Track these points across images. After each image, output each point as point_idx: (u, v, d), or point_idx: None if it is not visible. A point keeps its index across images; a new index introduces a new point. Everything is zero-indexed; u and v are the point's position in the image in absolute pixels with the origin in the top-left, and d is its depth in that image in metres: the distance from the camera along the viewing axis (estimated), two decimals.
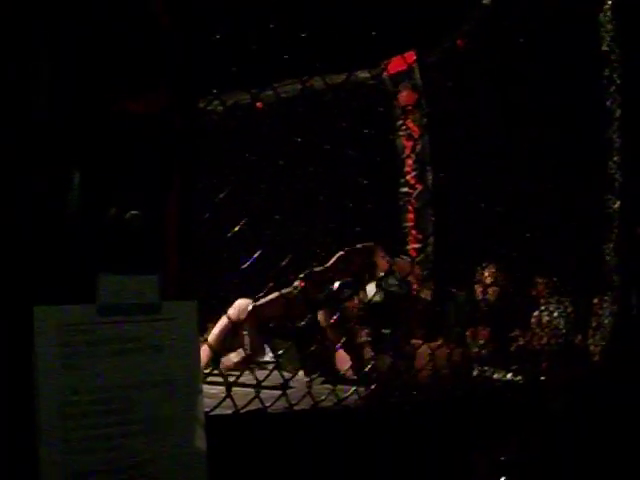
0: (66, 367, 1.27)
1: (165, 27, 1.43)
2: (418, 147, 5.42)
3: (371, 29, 2.94)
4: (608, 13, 2.82)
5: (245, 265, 2.06)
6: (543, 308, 3.79)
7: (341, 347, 3.49)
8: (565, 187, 3.18)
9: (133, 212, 1.32)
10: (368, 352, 3.35)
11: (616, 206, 2.82)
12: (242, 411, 1.84)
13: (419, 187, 5.42)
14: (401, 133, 5.49)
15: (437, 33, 4.16)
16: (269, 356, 3.95)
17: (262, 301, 3.72)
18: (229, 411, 1.83)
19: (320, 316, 3.65)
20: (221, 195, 1.88)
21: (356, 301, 3.60)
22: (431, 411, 2.18)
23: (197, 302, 1.39)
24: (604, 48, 2.81)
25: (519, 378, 2.93)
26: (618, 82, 2.79)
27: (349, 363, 3.32)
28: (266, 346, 3.96)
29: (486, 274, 4.30)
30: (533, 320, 3.81)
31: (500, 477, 2.07)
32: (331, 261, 3.84)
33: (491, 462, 2.08)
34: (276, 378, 2.24)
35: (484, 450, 2.10)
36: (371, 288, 3.59)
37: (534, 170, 3.41)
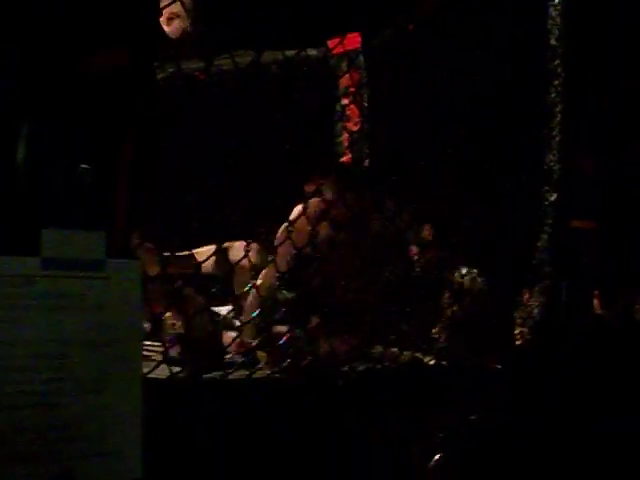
0: (3, 318, 1.24)
1: None
2: (357, 130, 5.39)
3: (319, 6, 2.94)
4: (558, 7, 2.86)
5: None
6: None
7: None
8: (503, 179, 3.21)
9: (84, 166, 1.30)
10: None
11: (552, 199, 2.87)
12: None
13: None
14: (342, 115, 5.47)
15: (388, 15, 4.15)
16: None
17: None
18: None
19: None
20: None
21: None
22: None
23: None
24: (552, 42, 2.85)
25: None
26: (563, 76, 2.83)
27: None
28: None
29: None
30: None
31: (436, 454, 2.10)
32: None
33: (428, 439, 2.11)
34: None
35: (419, 428, 2.13)
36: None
37: (472, 164, 3.42)
